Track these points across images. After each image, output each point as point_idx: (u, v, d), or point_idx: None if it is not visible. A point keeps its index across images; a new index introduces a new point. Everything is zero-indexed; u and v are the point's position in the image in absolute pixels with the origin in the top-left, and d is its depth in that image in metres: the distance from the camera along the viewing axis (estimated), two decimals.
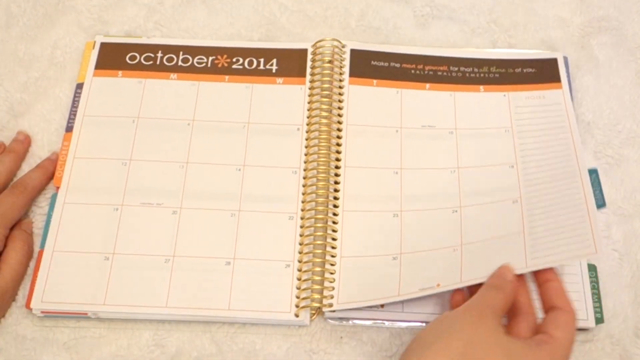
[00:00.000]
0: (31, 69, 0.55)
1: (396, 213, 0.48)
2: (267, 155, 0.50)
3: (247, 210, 0.48)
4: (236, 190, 0.49)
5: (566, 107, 0.52)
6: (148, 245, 0.47)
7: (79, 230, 0.47)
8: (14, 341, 0.45)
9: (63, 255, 0.46)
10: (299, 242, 0.47)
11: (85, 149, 0.50)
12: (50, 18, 0.58)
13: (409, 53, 0.55)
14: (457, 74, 0.54)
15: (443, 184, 0.49)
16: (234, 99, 0.53)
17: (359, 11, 0.58)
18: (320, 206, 0.48)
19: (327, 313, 0.45)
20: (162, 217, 0.48)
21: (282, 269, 0.46)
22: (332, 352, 0.45)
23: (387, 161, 0.50)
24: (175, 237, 0.47)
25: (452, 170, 0.49)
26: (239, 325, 0.46)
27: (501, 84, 0.53)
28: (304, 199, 0.48)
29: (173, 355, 0.45)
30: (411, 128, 0.52)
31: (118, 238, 0.47)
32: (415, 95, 0.53)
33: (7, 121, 0.53)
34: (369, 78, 0.54)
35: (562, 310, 0.40)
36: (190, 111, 0.52)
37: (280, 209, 0.48)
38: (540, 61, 0.54)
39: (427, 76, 0.54)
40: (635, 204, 0.49)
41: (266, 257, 0.47)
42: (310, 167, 0.50)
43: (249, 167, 0.50)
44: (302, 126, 0.51)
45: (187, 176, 0.49)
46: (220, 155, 0.50)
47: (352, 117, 0.52)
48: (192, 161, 0.50)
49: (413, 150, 0.51)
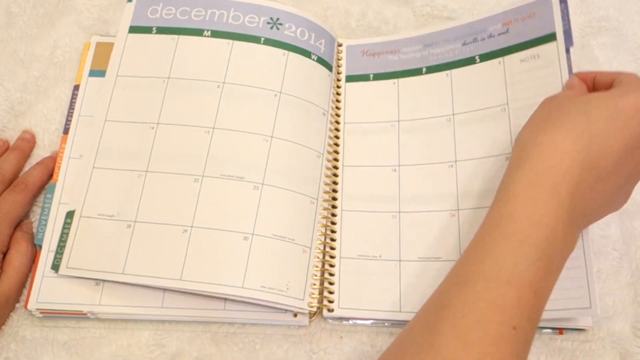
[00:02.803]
0: (31, 69, 0.55)
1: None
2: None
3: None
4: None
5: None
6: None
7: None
8: (14, 341, 0.45)
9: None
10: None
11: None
12: (50, 18, 0.58)
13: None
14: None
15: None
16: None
17: (359, 11, 0.58)
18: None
19: (326, 313, 0.45)
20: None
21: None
22: (332, 352, 0.45)
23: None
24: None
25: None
26: (239, 325, 0.46)
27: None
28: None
29: (173, 355, 0.45)
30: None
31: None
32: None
33: (7, 121, 0.53)
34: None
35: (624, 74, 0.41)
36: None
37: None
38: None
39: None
40: (635, 204, 0.49)
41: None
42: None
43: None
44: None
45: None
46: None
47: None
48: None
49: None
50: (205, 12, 0.53)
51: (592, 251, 0.41)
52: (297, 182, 0.47)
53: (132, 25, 0.53)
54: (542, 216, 0.35)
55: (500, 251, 0.34)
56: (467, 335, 0.32)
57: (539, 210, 0.35)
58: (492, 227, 0.36)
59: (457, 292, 0.34)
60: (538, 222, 0.34)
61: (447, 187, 0.47)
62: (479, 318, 0.32)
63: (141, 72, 0.51)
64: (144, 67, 0.51)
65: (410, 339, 0.34)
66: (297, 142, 0.48)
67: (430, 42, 0.53)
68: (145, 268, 0.44)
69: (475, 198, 0.46)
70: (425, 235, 0.46)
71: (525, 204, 0.35)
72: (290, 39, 0.52)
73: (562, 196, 0.35)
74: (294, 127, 0.49)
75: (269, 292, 0.43)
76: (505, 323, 0.32)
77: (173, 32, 0.52)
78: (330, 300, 0.45)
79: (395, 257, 0.46)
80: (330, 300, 0.45)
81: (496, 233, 0.35)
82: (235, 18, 0.52)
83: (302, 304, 0.44)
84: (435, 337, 0.32)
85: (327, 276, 0.46)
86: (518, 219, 0.35)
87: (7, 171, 0.49)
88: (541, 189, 0.35)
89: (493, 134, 0.47)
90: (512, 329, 0.32)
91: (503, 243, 0.34)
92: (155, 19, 0.53)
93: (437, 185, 0.47)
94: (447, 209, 0.46)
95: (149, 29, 0.52)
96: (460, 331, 0.32)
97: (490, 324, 0.32)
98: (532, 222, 0.34)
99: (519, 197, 0.36)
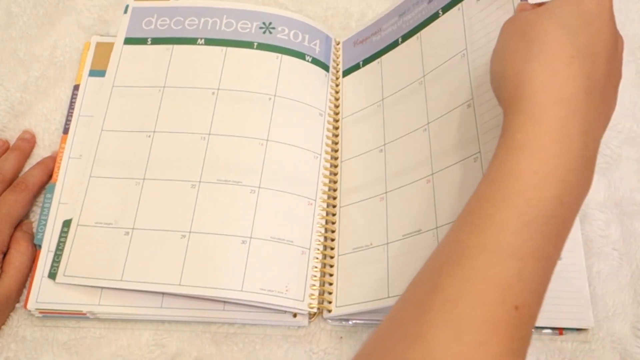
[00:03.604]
0: (31, 69, 0.55)
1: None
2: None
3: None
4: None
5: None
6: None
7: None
8: (14, 341, 0.45)
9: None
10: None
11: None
12: (50, 18, 0.58)
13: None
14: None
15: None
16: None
17: (359, 11, 0.58)
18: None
19: (326, 314, 0.45)
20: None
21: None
22: (331, 352, 0.45)
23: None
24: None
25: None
26: (239, 326, 0.46)
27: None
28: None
29: (173, 355, 0.45)
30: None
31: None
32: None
33: (7, 121, 0.53)
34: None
35: None
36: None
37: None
38: None
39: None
40: (635, 204, 0.49)
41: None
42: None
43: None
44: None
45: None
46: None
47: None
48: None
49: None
50: (199, 21, 0.53)
51: (584, 254, 0.40)
52: (294, 184, 0.47)
53: (128, 37, 0.53)
54: (551, 170, 0.29)
55: (500, 217, 0.29)
56: (461, 323, 0.28)
57: (547, 164, 0.29)
58: (493, 188, 0.30)
59: (450, 271, 0.29)
60: (545, 179, 0.29)
61: (421, 153, 0.45)
62: (476, 301, 0.28)
63: (137, 82, 0.51)
64: (140, 78, 0.52)
65: (397, 328, 0.30)
66: (293, 144, 0.48)
67: (403, 10, 0.51)
68: (144, 274, 0.44)
69: (447, 156, 0.43)
70: (407, 210, 0.44)
71: (530, 157, 0.30)
72: (283, 42, 0.52)
73: (574, 137, 0.30)
74: (289, 130, 0.49)
75: (269, 295, 0.43)
76: (506, 303, 0.28)
77: (168, 42, 0.53)
78: (329, 300, 0.45)
79: (383, 241, 0.44)
80: (329, 300, 0.45)
81: (496, 194, 0.30)
82: (228, 25, 0.53)
83: (301, 305, 0.44)
84: (426, 327, 0.28)
85: (327, 277, 0.46)
86: (521, 176, 0.30)
87: (7, 171, 0.49)
88: (549, 132, 0.30)
89: (455, 84, 0.44)
90: (514, 309, 0.28)
91: (504, 207, 0.29)
92: (150, 30, 0.53)
93: (414, 154, 0.45)
94: (424, 176, 0.44)
95: (144, 40, 0.53)
96: (454, 318, 0.28)
97: (489, 307, 0.28)
98: (539, 180, 0.29)
99: (522, 148, 0.30)
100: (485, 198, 0.31)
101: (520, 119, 0.31)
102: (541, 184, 0.29)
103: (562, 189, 0.29)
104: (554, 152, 0.30)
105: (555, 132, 0.30)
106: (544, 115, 0.30)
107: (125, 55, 0.53)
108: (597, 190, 0.49)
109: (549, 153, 0.30)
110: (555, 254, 0.30)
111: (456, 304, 0.28)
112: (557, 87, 0.31)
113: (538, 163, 0.30)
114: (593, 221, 0.48)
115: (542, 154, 0.30)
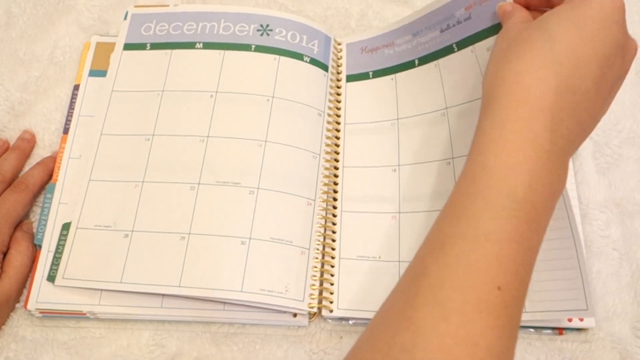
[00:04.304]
0: (31, 69, 0.55)
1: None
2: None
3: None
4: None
5: None
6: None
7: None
8: (14, 341, 0.45)
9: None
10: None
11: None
12: (50, 18, 0.58)
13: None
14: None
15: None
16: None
17: (359, 11, 0.58)
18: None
19: (326, 313, 0.45)
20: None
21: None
22: (331, 352, 0.45)
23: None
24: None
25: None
26: (239, 326, 0.46)
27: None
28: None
29: (173, 355, 0.45)
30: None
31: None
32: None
33: (7, 121, 0.53)
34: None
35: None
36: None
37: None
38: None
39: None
40: (635, 204, 0.49)
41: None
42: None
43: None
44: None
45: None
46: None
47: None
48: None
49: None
50: (197, 26, 0.53)
51: (584, 251, 0.39)
52: (293, 184, 0.47)
53: (127, 43, 0.54)
54: (518, 162, 0.32)
55: (475, 207, 0.32)
56: (446, 305, 0.30)
57: (513, 156, 0.32)
58: (467, 183, 0.33)
59: (433, 259, 0.32)
60: (513, 169, 0.32)
61: (444, 186, 0.46)
62: (459, 284, 0.30)
63: (136, 86, 0.52)
64: (139, 82, 0.52)
65: (387, 315, 0.32)
66: (292, 145, 0.48)
67: (416, 30, 0.51)
68: (143, 276, 0.44)
69: None
70: (424, 235, 0.45)
71: (497, 151, 0.32)
72: (281, 44, 0.52)
73: (538, 133, 0.32)
74: (287, 130, 0.49)
75: (268, 295, 0.43)
76: (488, 284, 0.30)
77: (166, 47, 0.53)
78: (330, 300, 0.45)
79: (395, 258, 0.46)
80: (330, 300, 0.45)
81: (471, 188, 0.33)
82: (225, 29, 0.53)
83: (301, 305, 0.44)
84: (414, 311, 0.30)
85: (327, 277, 0.46)
86: (491, 169, 0.32)
87: (7, 171, 0.49)
88: (513, 130, 0.32)
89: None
90: (497, 290, 0.30)
91: (478, 198, 0.32)
92: (149, 36, 0.54)
93: (437, 185, 0.47)
94: None
95: (143, 45, 0.53)
96: (440, 301, 0.30)
97: (471, 289, 0.30)
98: (507, 170, 0.32)
99: (491, 144, 0.33)
100: (461, 192, 0.33)
101: (490, 118, 0.34)
102: (509, 174, 0.32)
103: (530, 177, 0.32)
104: (518, 146, 0.32)
105: (519, 130, 0.32)
106: (510, 115, 0.33)
107: (124, 60, 0.53)
108: (597, 190, 0.49)
109: (514, 147, 0.32)
110: (533, 237, 0.32)
111: (441, 287, 0.30)
112: (523, 89, 0.33)
113: (504, 157, 0.32)
114: (593, 221, 0.48)
115: (508, 148, 0.32)
